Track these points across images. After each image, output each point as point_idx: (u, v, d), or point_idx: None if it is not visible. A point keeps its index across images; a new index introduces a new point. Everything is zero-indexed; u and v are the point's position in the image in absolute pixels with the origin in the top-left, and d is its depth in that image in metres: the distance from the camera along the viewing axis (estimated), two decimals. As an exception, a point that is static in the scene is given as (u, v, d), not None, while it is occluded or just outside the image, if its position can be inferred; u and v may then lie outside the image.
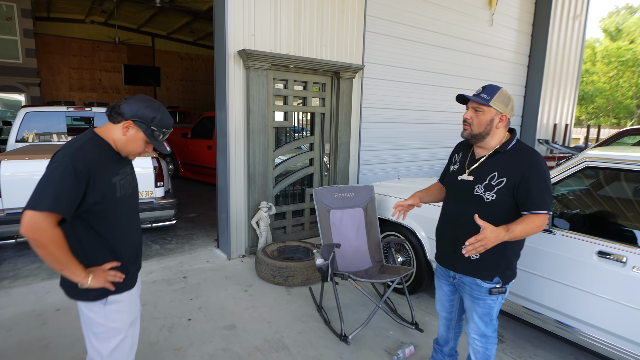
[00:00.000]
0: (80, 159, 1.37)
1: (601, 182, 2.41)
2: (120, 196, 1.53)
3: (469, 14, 6.06)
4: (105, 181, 1.45)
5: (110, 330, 1.54)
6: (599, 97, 24.88)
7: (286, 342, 2.60)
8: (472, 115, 1.80)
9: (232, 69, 3.77)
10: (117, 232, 1.53)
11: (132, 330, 1.64)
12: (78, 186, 1.35)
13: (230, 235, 4.06)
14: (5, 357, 2.35)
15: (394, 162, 5.47)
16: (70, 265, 1.37)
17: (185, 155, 8.24)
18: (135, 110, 1.49)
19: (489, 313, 1.87)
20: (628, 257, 1.94)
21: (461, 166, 1.93)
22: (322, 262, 2.66)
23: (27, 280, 3.44)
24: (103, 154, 1.48)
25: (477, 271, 1.82)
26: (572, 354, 2.55)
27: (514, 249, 1.83)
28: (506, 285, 1.84)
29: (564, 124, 8.38)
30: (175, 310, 2.99)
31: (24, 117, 4.98)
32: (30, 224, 1.28)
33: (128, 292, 1.60)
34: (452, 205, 1.96)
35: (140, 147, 1.55)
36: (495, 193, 1.74)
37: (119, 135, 1.52)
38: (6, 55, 12.57)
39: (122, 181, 1.55)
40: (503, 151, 1.79)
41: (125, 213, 1.58)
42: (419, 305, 3.16)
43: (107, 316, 1.52)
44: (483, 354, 1.94)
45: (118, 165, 1.55)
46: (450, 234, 1.93)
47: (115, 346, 1.55)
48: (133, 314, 1.64)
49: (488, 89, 1.78)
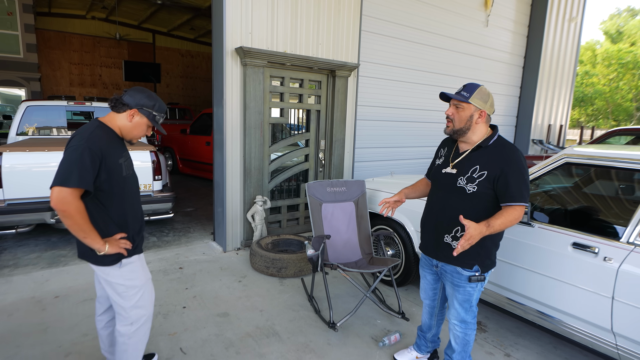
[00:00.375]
0: (94, 142, 1.61)
1: (579, 177, 2.51)
2: (126, 175, 1.79)
3: (464, 14, 6.16)
4: (113, 161, 1.70)
5: (129, 288, 1.81)
6: (599, 99, 24.97)
7: (277, 329, 2.70)
8: (453, 112, 1.91)
9: (229, 66, 3.86)
10: (123, 207, 1.77)
11: (148, 285, 1.91)
12: (94, 164, 1.60)
13: (226, 229, 4.16)
14: (7, 340, 2.44)
15: (388, 159, 5.57)
16: (91, 233, 1.62)
17: (184, 151, 8.34)
18: (137, 100, 1.76)
19: (468, 300, 1.97)
20: (600, 248, 2.04)
21: (445, 160, 2.04)
22: (312, 252, 2.76)
23: (27, 269, 3.54)
24: (110, 139, 1.73)
25: (457, 260, 1.92)
26: (551, 343, 2.66)
27: (493, 240, 1.93)
28: (485, 273, 1.94)
29: (559, 125, 8.48)
30: (170, 298, 3.09)
31: (25, 111, 5.06)
32: (59, 198, 1.52)
33: (137, 255, 1.86)
34: (436, 197, 2.06)
35: (144, 131, 1.83)
36: (477, 185, 1.84)
37: (124, 122, 1.78)
38: (7, 50, 12.64)
39: (125, 163, 1.80)
40: (485, 146, 1.89)
41: (130, 191, 1.82)
42: (407, 297, 3.27)
43: (123, 276, 1.79)
44: (462, 339, 2.05)
45: (122, 149, 1.81)
46: (434, 224, 2.03)
47: (137, 299, 1.84)
48: (146, 273, 1.92)
49: (468, 87, 1.88)
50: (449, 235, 1.94)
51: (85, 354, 2.34)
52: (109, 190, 1.69)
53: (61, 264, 3.67)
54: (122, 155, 1.78)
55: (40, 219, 3.86)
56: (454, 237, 1.92)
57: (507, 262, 2.45)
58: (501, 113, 7.41)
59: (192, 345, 2.48)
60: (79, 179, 1.53)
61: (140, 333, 1.88)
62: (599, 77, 25.47)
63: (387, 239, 3.42)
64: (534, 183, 2.52)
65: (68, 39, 15.89)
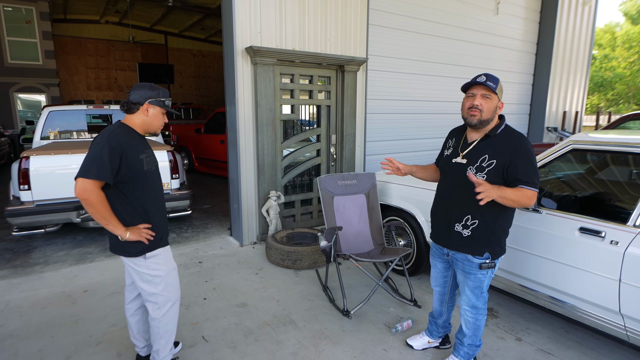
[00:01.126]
0: (114, 139, 1.78)
1: (586, 163, 2.53)
2: (147, 170, 1.93)
3: (473, 3, 6.11)
4: (134, 156, 1.85)
5: (155, 277, 1.97)
6: (619, 83, 24.19)
7: (293, 318, 2.81)
8: (481, 102, 1.88)
9: (240, 65, 3.97)
10: (146, 199, 1.92)
11: (173, 274, 2.06)
12: (114, 159, 1.74)
13: (242, 224, 4.29)
14: (42, 331, 2.63)
15: (399, 152, 5.61)
16: (112, 220, 1.78)
17: (199, 150, 8.53)
18: (144, 94, 1.90)
19: (479, 286, 2.03)
20: (606, 232, 2.07)
21: (454, 150, 2.07)
22: (325, 244, 2.86)
23: (57, 266, 3.74)
24: (131, 137, 1.89)
25: (468, 247, 1.97)
26: (563, 327, 2.70)
27: (502, 227, 1.97)
28: (495, 260, 1.99)
29: (574, 112, 8.33)
30: (191, 291, 3.24)
31: (47, 116, 5.28)
32: (82, 188, 1.69)
33: (162, 248, 2.00)
34: (446, 187, 2.10)
35: (161, 119, 1.98)
36: (486, 174, 1.87)
37: (142, 118, 1.93)
38: (27, 58, 13.08)
39: (147, 159, 1.95)
40: (493, 135, 1.92)
41: (152, 185, 1.97)
42: (419, 285, 3.34)
43: (149, 267, 1.95)
44: (474, 324, 2.11)
45: (143, 146, 1.95)
46: (445, 213, 2.07)
47: (162, 287, 2.00)
48: (171, 264, 2.06)
49: (491, 77, 1.88)
50: (459, 224, 1.98)
51: (114, 342, 2.50)
52: (130, 183, 1.84)
53: (88, 261, 3.86)
54: (143, 152, 1.93)
55: (67, 219, 4.06)
56: (465, 226, 1.96)
57: (516, 249, 2.49)
58: (514, 101, 7.33)
59: (214, 334, 2.61)
60: (97, 172, 1.70)
61: (168, 316, 2.05)
62: (618, 60, 24.67)
63: (399, 229, 3.49)
64: (542, 170, 2.55)
65: (84, 44, 16.31)
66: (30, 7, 12.78)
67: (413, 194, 3.29)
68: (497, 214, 1.91)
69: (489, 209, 1.88)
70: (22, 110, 13.45)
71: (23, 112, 13.48)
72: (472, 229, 1.94)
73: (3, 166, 10.07)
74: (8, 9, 12.60)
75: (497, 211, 1.90)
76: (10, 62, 12.82)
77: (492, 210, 1.89)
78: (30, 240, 4.49)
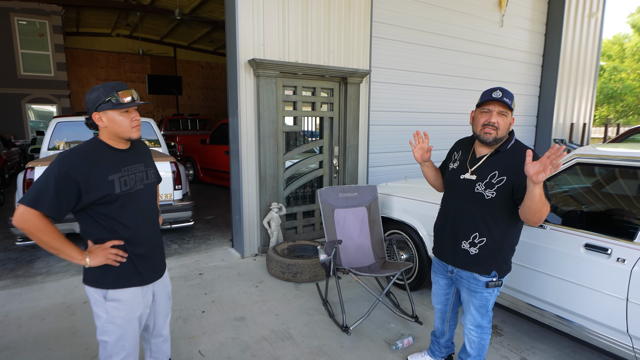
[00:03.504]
0: (68, 161, 1.49)
1: (592, 177, 2.47)
2: (122, 192, 1.59)
3: (478, 15, 6.12)
4: (99, 179, 1.54)
5: (109, 325, 1.64)
6: (629, 95, 23.97)
7: (292, 333, 2.76)
8: (498, 120, 1.80)
9: (242, 77, 3.99)
10: (122, 226, 1.61)
11: (133, 325, 1.70)
12: (64, 186, 1.46)
13: (244, 235, 4.27)
14: (39, 343, 2.61)
15: (403, 163, 5.57)
16: (63, 248, 1.50)
17: (204, 160, 8.58)
18: (87, 104, 1.57)
19: (485, 305, 1.96)
20: (613, 249, 2.01)
21: (462, 165, 1.99)
22: (325, 257, 2.82)
23: (58, 276, 3.74)
24: (99, 155, 1.57)
25: (475, 266, 1.90)
26: (570, 347, 2.60)
27: (510, 245, 1.91)
28: (502, 278, 1.92)
29: (582, 123, 8.24)
30: (190, 303, 3.21)
31: (55, 127, 5.35)
32: (19, 216, 1.44)
33: (133, 289, 1.66)
34: (453, 202, 2.02)
35: (123, 121, 1.59)
36: (495, 191, 1.81)
37: (104, 130, 1.60)
38: (39, 69, 13.39)
39: (124, 178, 1.62)
40: (503, 150, 1.86)
41: (133, 209, 1.64)
42: (421, 301, 3.27)
43: (107, 311, 1.62)
44: (478, 344, 2.03)
45: (121, 163, 1.63)
46: (451, 229, 2.00)
47: (116, 338, 1.66)
48: (135, 311, 1.69)
49: (507, 93, 1.79)
50: (466, 241, 1.91)
51: (110, 356, 2.47)
52: (102, 209, 1.57)
53: (89, 271, 3.86)
54: (118, 171, 1.60)
55: (70, 229, 4.07)
56: (472, 244, 1.90)
57: (521, 265, 2.43)
58: (521, 113, 7.28)
59: (210, 348, 2.57)
60: (36, 201, 1.44)
61: None
62: (627, 72, 24.48)
63: (400, 243, 3.43)
64: (547, 183, 2.49)
65: (95, 56, 16.66)
66: (44, 20, 13.14)
67: (415, 207, 3.24)
68: (505, 231, 1.85)
69: (498, 226, 1.83)
70: (33, 120, 13.72)
71: (34, 122, 13.75)
72: (480, 247, 1.87)
73: (13, 176, 10.22)
74: (22, 23, 12.96)
75: (505, 229, 1.84)
76: (23, 74, 13.12)
77: (501, 228, 1.84)
78: (33, 250, 4.51)
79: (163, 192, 4.47)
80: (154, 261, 1.76)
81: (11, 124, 13.00)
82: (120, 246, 1.62)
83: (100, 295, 1.62)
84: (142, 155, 1.77)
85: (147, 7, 13.29)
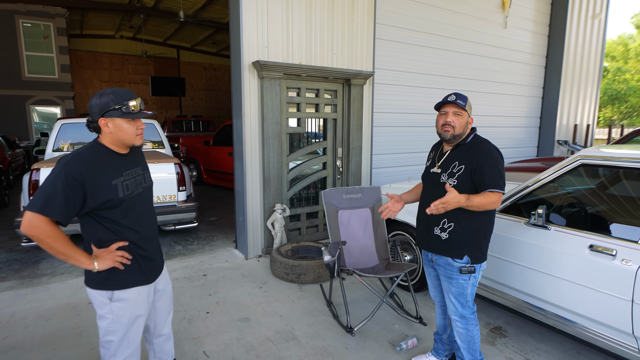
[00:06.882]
0: (74, 165, 1.48)
1: (596, 179, 2.47)
2: (127, 195, 1.62)
3: (481, 17, 6.12)
4: (103, 183, 1.55)
5: (115, 324, 1.66)
6: (632, 96, 23.89)
7: (296, 334, 2.77)
8: (453, 119, 2.04)
9: (247, 79, 4.01)
10: (122, 229, 1.63)
11: (138, 322, 1.72)
12: (71, 190, 1.46)
13: (247, 237, 4.28)
14: (45, 343, 2.63)
15: (406, 164, 5.57)
16: (72, 254, 1.50)
17: (208, 162, 8.60)
18: (94, 108, 1.55)
19: (462, 293, 2.06)
20: (618, 250, 2.00)
21: (432, 161, 2.22)
22: (329, 258, 2.82)
23: (63, 277, 3.76)
24: (102, 160, 1.58)
25: (448, 250, 2.05)
26: (575, 348, 2.60)
27: (480, 231, 2.03)
28: (475, 265, 2.03)
29: (586, 124, 8.22)
30: (195, 304, 3.22)
31: (59, 129, 5.39)
32: (27, 223, 1.42)
33: (138, 288, 1.68)
34: (426, 194, 2.22)
35: (129, 129, 1.60)
36: (457, 179, 2.00)
37: (107, 135, 1.60)
38: (43, 72, 13.48)
39: (126, 182, 1.63)
40: (463, 144, 2.07)
41: (134, 212, 1.66)
42: (425, 302, 3.27)
43: (113, 311, 1.64)
44: (465, 335, 2.10)
45: (122, 167, 1.64)
46: (424, 219, 2.17)
47: (120, 338, 1.68)
48: (140, 309, 1.70)
49: (460, 96, 2.04)
50: (437, 227, 2.08)
51: (115, 356, 2.48)
52: (106, 212, 1.58)
53: (94, 272, 3.88)
54: (120, 175, 1.61)
55: (75, 230, 4.09)
56: (442, 229, 2.06)
57: (525, 266, 2.43)
58: (524, 114, 7.27)
59: (215, 349, 2.58)
60: (44, 206, 1.42)
61: None
62: (632, 73, 24.39)
63: (404, 244, 3.44)
64: (551, 185, 2.50)
65: (99, 58, 16.75)
66: (48, 23, 13.22)
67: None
68: (470, 216, 2.00)
69: (463, 212, 1.98)
70: (37, 122, 13.80)
71: (39, 124, 13.83)
72: (450, 231, 2.04)
73: (17, 177, 10.28)
74: (27, 25, 13.04)
75: (469, 213, 1.98)
76: (28, 76, 13.20)
77: (465, 212, 1.98)
78: (38, 251, 4.53)
79: (167, 193, 4.49)
80: (155, 261, 1.80)
81: (16, 125, 13.08)
82: (125, 247, 1.64)
83: (106, 297, 1.63)
84: (139, 159, 1.80)
85: (150, 9, 13.36)
